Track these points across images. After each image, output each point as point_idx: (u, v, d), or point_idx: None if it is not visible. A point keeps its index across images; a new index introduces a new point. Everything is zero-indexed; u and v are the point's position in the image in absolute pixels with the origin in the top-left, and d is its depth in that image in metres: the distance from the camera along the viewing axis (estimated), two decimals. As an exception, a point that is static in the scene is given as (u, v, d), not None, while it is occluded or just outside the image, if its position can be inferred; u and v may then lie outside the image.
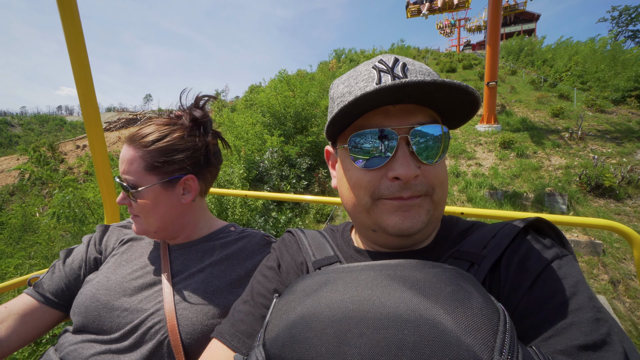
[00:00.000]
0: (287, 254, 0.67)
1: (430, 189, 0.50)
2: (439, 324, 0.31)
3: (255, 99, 11.39)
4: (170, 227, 0.86)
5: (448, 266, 0.41)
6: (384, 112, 0.49)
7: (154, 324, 0.71)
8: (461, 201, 7.00)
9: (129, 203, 0.82)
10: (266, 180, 7.66)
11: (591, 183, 6.49)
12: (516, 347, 0.31)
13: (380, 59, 0.52)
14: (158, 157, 0.80)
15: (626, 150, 8.00)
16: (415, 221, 0.49)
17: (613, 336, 0.38)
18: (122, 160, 0.80)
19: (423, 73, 0.51)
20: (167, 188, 0.82)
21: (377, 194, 0.50)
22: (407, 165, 0.47)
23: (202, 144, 0.86)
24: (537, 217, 0.54)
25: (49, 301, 0.83)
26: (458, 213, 1.12)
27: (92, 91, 1.21)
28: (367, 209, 0.52)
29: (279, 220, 6.69)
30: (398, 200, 0.49)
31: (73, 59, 1.14)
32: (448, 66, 20.32)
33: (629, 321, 4.06)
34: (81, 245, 0.93)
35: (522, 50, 22.20)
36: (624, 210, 6.05)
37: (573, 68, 15.10)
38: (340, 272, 0.43)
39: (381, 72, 0.49)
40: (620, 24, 34.43)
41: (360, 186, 0.52)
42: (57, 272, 0.87)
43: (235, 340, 0.56)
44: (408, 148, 0.49)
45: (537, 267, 0.46)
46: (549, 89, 14.30)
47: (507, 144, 8.81)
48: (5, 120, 75.33)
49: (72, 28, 1.11)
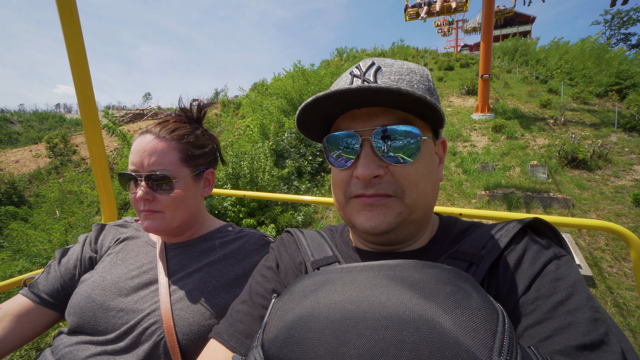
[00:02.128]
0: (286, 254, 0.67)
1: (399, 190, 0.50)
2: (438, 324, 0.31)
3: (271, 87, 12.51)
4: (190, 222, 0.87)
5: (447, 267, 0.41)
6: (351, 115, 0.52)
7: (150, 324, 0.71)
8: (458, 174, 8.07)
9: (152, 198, 0.79)
10: (286, 156, 8.70)
11: (568, 157, 7.63)
12: (515, 348, 0.31)
13: (359, 63, 0.55)
14: (191, 149, 0.83)
15: (602, 133, 9.14)
16: (378, 221, 0.50)
17: (611, 336, 0.38)
18: (152, 153, 0.78)
19: (396, 75, 0.52)
20: (196, 181, 0.85)
21: (349, 192, 0.53)
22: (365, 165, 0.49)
23: (214, 143, 0.92)
24: (535, 218, 0.55)
25: (44, 301, 0.82)
26: (456, 214, 1.12)
27: (90, 89, 1.20)
28: (342, 206, 0.56)
29: (300, 188, 7.74)
30: (362, 197, 0.52)
31: (71, 57, 1.14)
32: (446, 65, 21.47)
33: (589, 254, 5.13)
34: (77, 245, 0.92)
35: (517, 50, 23.43)
36: (594, 178, 7.17)
37: (562, 66, 16.28)
38: (338, 273, 0.43)
39: (354, 78, 0.52)
40: (613, 27, 36.05)
41: (336, 184, 0.55)
42: (52, 272, 0.86)
43: (234, 340, 0.56)
44: (371, 149, 0.50)
45: (535, 267, 0.47)
46: (540, 85, 15.46)
47: (499, 128, 9.91)
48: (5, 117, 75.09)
49: (70, 26, 1.11)
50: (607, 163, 7.59)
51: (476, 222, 0.61)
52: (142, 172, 0.78)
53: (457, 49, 36.49)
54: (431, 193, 0.54)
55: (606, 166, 7.51)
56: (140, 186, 0.77)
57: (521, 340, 0.42)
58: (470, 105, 12.85)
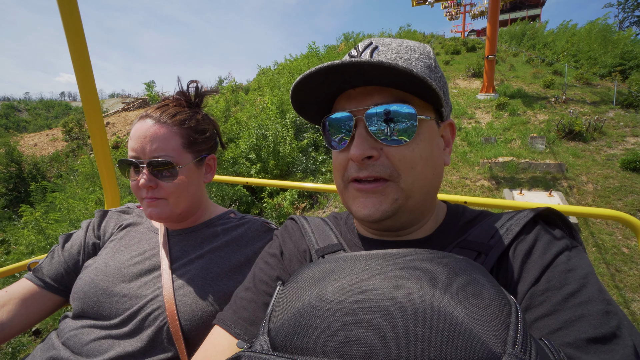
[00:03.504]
0: (290, 241, 0.67)
1: (394, 173, 0.49)
2: (450, 314, 0.30)
3: (287, 67, 13.15)
4: (193, 208, 0.87)
5: (458, 256, 0.40)
6: (347, 96, 0.52)
7: (153, 310, 0.72)
8: (462, 146, 8.72)
9: (155, 185, 0.78)
10: (303, 130, 9.40)
11: (565, 130, 8.22)
12: (529, 339, 0.30)
13: (358, 44, 0.54)
14: (193, 134, 0.83)
15: (600, 110, 9.68)
16: (374, 209, 0.50)
17: (623, 329, 0.38)
18: (153, 139, 0.77)
19: (394, 53, 0.50)
20: (198, 167, 0.86)
21: (347, 175, 0.52)
22: (357, 145, 0.48)
23: (214, 127, 0.92)
24: (547, 208, 0.53)
25: (48, 286, 0.83)
26: (461, 202, 1.08)
27: (91, 78, 1.20)
28: (341, 191, 0.55)
29: (317, 159, 8.46)
30: (359, 184, 0.51)
31: (71, 45, 1.14)
32: (453, 49, 21.64)
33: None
34: (80, 231, 0.92)
35: (524, 34, 23.42)
36: (588, 148, 7.80)
37: (569, 49, 16.54)
38: (347, 261, 0.42)
39: (352, 59, 0.48)
40: (627, 9, 35.28)
41: (335, 167, 0.55)
42: (56, 257, 0.87)
43: (238, 327, 0.56)
44: (365, 130, 0.49)
45: (546, 258, 0.46)
46: (545, 67, 15.79)
47: (502, 106, 10.47)
48: (12, 105, 75.91)
49: (69, 13, 1.10)
50: (602, 135, 8.19)
51: (485, 211, 0.60)
52: (143, 158, 0.77)
53: (464, 34, 36.27)
54: (430, 177, 0.53)
55: (601, 138, 8.12)
56: (143, 173, 0.77)
57: (530, 331, 0.40)
58: (476, 87, 13.31)
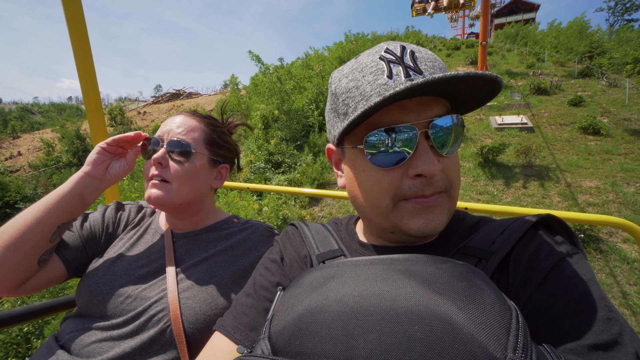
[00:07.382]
0: (291, 247, 0.67)
1: (448, 185, 0.49)
2: (451, 319, 0.30)
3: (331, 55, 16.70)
4: (194, 205, 0.89)
5: (459, 262, 0.40)
6: (400, 106, 0.47)
7: (157, 311, 0.72)
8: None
9: (167, 164, 0.81)
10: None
11: (535, 87, 11.71)
12: (530, 345, 0.30)
13: (386, 47, 0.49)
14: (216, 137, 0.90)
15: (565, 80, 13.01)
16: (438, 222, 0.49)
17: (624, 336, 0.37)
18: (181, 125, 0.85)
19: (431, 60, 0.49)
20: (211, 166, 0.90)
21: (399, 194, 0.49)
22: (431, 160, 0.46)
23: (236, 150, 1.00)
24: (548, 214, 0.52)
25: (59, 253, 0.82)
26: (461, 208, 1.05)
27: (94, 82, 1.21)
28: (386, 212, 0.50)
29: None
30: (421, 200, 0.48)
31: (76, 50, 1.14)
32: (453, 45, 24.97)
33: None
34: (97, 212, 0.94)
35: (517, 34, 26.73)
36: (550, 99, 11.17)
37: (552, 42, 19.99)
38: (347, 266, 0.42)
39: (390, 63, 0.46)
40: (616, 13, 38.40)
41: (380, 188, 0.50)
42: (71, 231, 0.87)
43: (238, 333, 0.56)
44: (428, 142, 0.47)
45: (547, 264, 0.45)
46: (532, 57, 19.19)
47: (492, 78, 13.87)
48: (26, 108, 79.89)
49: (75, 19, 1.12)
50: (561, 91, 11.62)
51: (486, 217, 0.59)
52: (165, 138, 0.83)
53: (463, 37, 39.56)
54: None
55: (559, 92, 11.57)
56: (159, 150, 0.81)
57: (532, 338, 0.39)
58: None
